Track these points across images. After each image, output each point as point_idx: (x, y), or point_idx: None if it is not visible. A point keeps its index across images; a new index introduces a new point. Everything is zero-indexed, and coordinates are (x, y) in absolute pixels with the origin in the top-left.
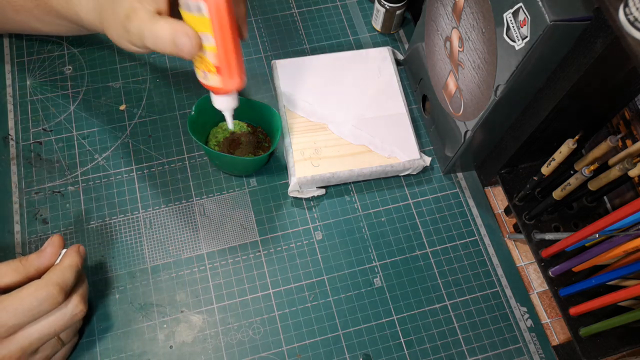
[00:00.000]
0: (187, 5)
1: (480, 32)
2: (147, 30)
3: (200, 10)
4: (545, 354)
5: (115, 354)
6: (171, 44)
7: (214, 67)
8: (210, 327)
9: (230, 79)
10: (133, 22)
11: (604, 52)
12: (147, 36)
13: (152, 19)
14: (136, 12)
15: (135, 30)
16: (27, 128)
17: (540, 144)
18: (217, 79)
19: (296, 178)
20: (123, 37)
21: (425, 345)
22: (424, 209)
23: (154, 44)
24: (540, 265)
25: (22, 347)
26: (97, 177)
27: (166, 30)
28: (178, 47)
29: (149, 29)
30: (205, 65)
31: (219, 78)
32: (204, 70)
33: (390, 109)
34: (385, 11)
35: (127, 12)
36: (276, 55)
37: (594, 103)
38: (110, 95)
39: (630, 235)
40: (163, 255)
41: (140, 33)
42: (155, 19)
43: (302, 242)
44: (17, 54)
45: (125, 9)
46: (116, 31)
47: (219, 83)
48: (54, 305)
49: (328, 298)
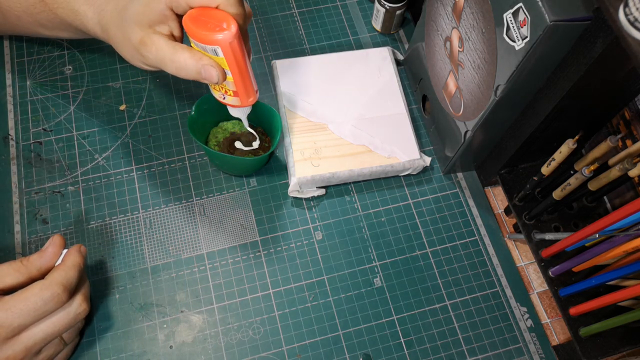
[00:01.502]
0: (202, 47)
1: (480, 32)
2: (168, 59)
3: (216, 53)
4: (545, 354)
5: (115, 354)
6: (196, 74)
7: (232, 92)
8: (210, 327)
9: (246, 98)
10: (150, 49)
11: (604, 52)
12: (168, 64)
13: (173, 48)
14: (152, 39)
15: (152, 56)
16: (27, 128)
17: (540, 144)
18: (235, 99)
19: (296, 178)
20: (136, 59)
21: (425, 345)
22: (424, 209)
23: (175, 71)
24: (540, 265)
25: (27, 347)
26: (97, 177)
27: (191, 62)
28: (203, 77)
29: (171, 58)
30: (224, 90)
31: (237, 99)
32: (222, 93)
33: (390, 109)
34: (385, 11)
35: (141, 39)
36: (276, 55)
37: (594, 103)
38: (110, 95)
39: (630, 235)
40: (163, 255)
41: (160, 60)
42: (176, 49)
43: (302, 242)
44: (17, 54)
45: (138, 35)
46: (129, 53)
47: (237, 102)
48: (58, 305)
49: (328, 298)
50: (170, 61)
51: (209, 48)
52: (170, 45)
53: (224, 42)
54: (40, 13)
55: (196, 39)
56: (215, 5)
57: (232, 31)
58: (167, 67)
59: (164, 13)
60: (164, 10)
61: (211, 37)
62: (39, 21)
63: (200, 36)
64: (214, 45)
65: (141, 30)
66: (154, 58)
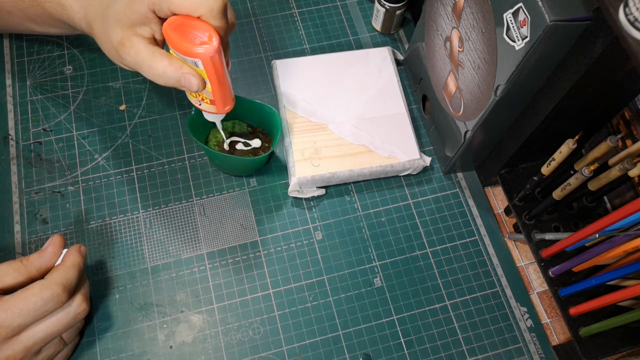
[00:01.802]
0: (182, 57)
1: (480, 32)
2: (146, 65)
3: (197, 65)
4: (545, 354)
5: (115, 354)
6: (176, 82)
7: (209, 100)
8: (210, 327)
9: (223, 106)
10: (128, 51)
11: (604, 52)
12: (146, 70)
13: (152, 54)
14: (131, 41)
15: (130, 59)
16: (27, 128)
17: (540, 144)
18: (212, 107)
19: (296, 178)
20: (116, 58)
21: (425, 345)
22: (424, 209)
23: (152, 77)
24: (540, 265)
25: (27, 347)
26: (97, 177)
27: (170, 69)
28: (182, 85)
29: (149, 64)
30: (201, 97)
31: (214, 107)
32: (198, 100)
33: (390, 109)
34: (385, 11)
35: (121, 39)
36: (276, 55)
37: (594, 103)
38: (110, 95)
39: (630, 235)
40: (163, 255)
41: (138, 64)
42: (154, 55)
43: (302, 242)
44: (17, 54)
45: (118, 35)
46: (109, 51)
47: (213, 110)
48: (58, 304)
49: (328, 298)
50: (148, 67)
51: (189, 59)
52: (150, 50)
53: (204, 56)
54: (30, 8)
55: (177, 50)
56: (198, 15)
57: (213, 45)
58: (145, 72)
59: (146, 15)
60: (146, 13)
61: (192, 50)
62: (28, 16)
63: (181, 48)
64: (195, 58)
65: (122, 31)
66: (132, 61)
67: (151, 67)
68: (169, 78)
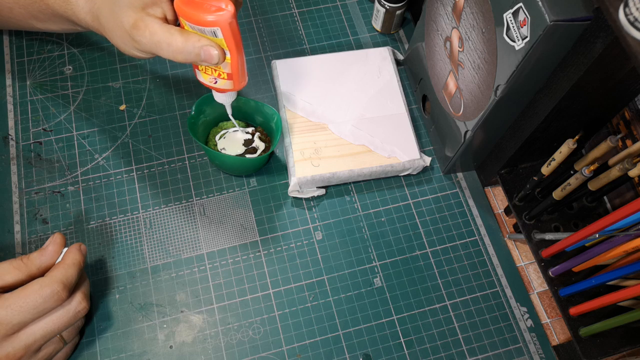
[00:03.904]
0: (200, 29)
1: (480, 32)
2: (164, 42)
3: (215, 34)
4: (545, 354)
5: (115, 354)
6: (195, 56)
7: (226, 74)
8: (210, 327)
9: (240, 81)
10: (143, 32)
11: (604, 52)
12: (164, 48)
13: (168, 32)
14: (145, 22)
15: (146, 40)
16: (27, 128)
17: (540, 144)
18: (229, 82)
19: (296, 178)
20: (128, 45)
21: (425, 345)
22: (424, 209)
23: (172, 55)
24: (540, 265)
25: (26, 345)
26: (97, 177)
27: (189, 44)
28: (202, 59)
29: (167, 42)
30: (218, 73)
31: (230, 82)
32: (214, 77)
33: (390, 109)
34: (385, 11)
35: (134, 22)
36: (276, 55)
37: (594, 103)
38: (110, 95)
39: (630, 235)
40: (163, 255)
41: (155, 44)
42: (171, 32)
43: (302, 242)
44: (17, 54)
45: (130, 18)
46: (121, 39)
47: (229, 86)
48: (58, 302)
49: (328, 298)
50: (166, 44)
51: (207, 30)
52: (165, 28)
53: (223, 22)
54: (32, 4)
55: (192, 22)
56: None
57: (229, 10)
58: (163, 51)
59: None
60: None
61: (210, 18)
62: (30, 12)
63: (197, 18)
64: (213, 27)
65: (134, 13)
66: (147, 42)
67: (170, 44)
68: (188, 53)
